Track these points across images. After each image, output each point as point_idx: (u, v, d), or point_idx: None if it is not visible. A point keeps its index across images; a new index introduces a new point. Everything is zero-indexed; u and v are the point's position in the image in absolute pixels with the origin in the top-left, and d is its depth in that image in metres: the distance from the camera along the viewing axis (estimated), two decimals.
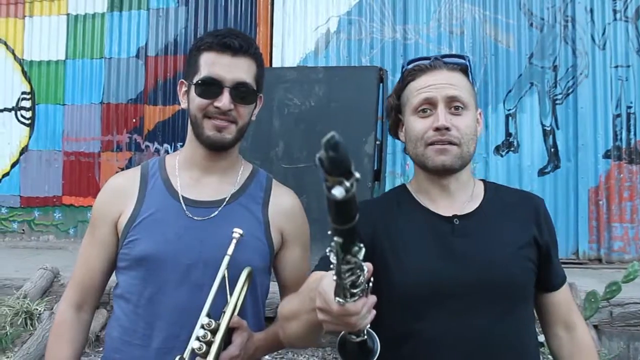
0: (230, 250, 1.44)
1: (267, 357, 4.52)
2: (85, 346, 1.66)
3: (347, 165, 0.75)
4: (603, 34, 6.64)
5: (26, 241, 8.19)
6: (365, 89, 5.37)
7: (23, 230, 8.31)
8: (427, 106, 1.44)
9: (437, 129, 1.42)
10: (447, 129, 1.41)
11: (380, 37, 7.25)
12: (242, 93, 1.53)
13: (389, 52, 7.20)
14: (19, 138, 8.45)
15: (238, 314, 1.46)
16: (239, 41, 1.53)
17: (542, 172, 6.75)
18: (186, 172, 1.61)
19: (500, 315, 1.38)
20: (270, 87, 5.46)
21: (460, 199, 1.50)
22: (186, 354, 1.32)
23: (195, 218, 1.53)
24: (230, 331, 1.40)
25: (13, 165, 8.44)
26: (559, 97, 6.74)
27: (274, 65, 7.33)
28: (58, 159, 8.27)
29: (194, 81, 1.53)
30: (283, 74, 5.66)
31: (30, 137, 8.41)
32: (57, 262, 5.58)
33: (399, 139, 1.57)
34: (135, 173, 1.63)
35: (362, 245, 0.93)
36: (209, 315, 1.37)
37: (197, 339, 1.32)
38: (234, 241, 1.45)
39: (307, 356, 4.65)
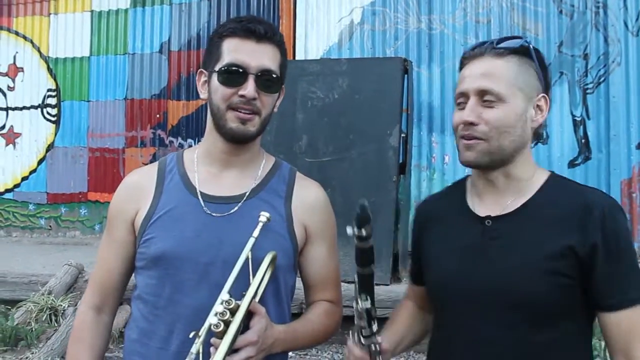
0: (255, 233, 1.38)
1: (290, 353, 4.48)
2: (106, 349, 1.60)
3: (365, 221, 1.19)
4: (637, 20, 6.43)
5: (53, 237, 8.29)
6: (390, 81, 5.28)
7: (50, 226, 8.40)
8: (462, 99, 1.40)
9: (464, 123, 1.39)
10: (472, 123, 1.36)
11: (404, 27, 7.13)
12: (267, 81, 1.45)
13: (414, 43, 7.08)
14: (45, 135, 8.55)
15: None
16: (264, 27, 1.45)
17: (572, 164, 6.59)
18: (205, 167, 1.54)
19: (518, 330, 1.30)
20: (293, 80, 5.41)
21: (508, 195, 1.42)
22: (202, 331, 1.26)
23: (214, 214, 1.45)
24: (249, 316, 1.33)
25: (40, 162, 8.54)
26: (590, 86, 6.55)
27: (297, 58, 7.28)
28: (83, 155, 8.35)
29: (216, 69, 1.45)
30: (306, 67, 5.59)
31: (56, 134, 8.50)
32: (83, 258, 5.61)
33: None
34: (152, 169, 1.57)
35: (368, 297, 1.27)
36: (230, 294, 1.30)
37: (216, 314, 1.25)
38: (260, 224, 1.39)
39: (331, 353, 4.60)
